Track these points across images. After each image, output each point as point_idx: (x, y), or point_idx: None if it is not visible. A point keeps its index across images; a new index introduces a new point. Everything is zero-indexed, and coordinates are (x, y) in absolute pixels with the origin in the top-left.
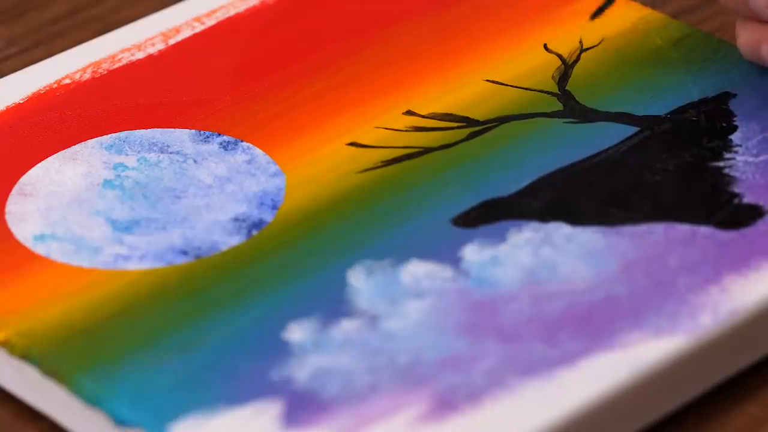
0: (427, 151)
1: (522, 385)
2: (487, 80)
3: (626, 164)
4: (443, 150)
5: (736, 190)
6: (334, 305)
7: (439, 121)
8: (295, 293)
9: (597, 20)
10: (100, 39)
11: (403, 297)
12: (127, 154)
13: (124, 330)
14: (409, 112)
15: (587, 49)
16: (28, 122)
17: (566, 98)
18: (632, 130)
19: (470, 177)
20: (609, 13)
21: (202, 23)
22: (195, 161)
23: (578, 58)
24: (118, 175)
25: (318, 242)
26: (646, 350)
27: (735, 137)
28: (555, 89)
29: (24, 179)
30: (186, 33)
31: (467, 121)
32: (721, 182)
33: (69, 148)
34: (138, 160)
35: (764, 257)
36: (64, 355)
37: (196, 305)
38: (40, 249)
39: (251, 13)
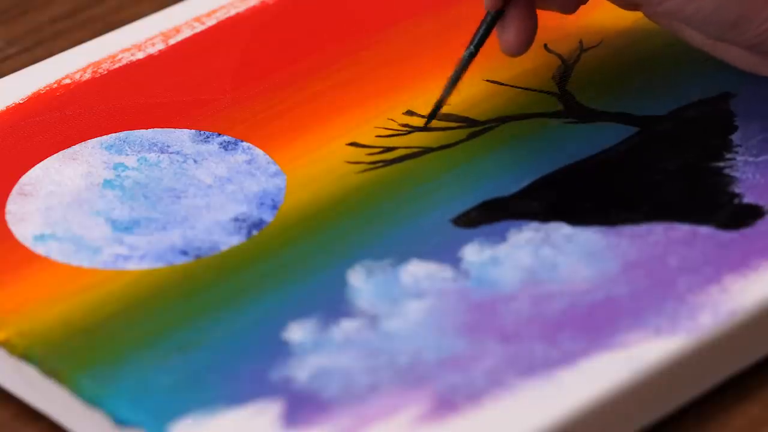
0: (427, 151)
1: (522, 385)
2: (487, 80)
3: (626, 164)
4: (443, 150)
5: (736, 190)
6: (334, 305)
7: (439, 121)
8: (295, 293)
9: (597, 20)
10: (100, 39)
11: (403, 297)
12: (127, 154)
13: (124, 330)
14: (409, 112)
15: (587, 49)
16: (28, 122)
17: (566, 98)
18: (632, 130)
19: (470, 177)
20: (610, 13)
21: (202, 23)
22: (195, 161)
23: (578, 58)
24: (118, 175)
25: (318, 242)
26: (646, 350)
27: (735, 137)
28: (555, 89)
29: (24, 179)
30: (186, 33)
31: (467, 121)
32: (721, 182)
33: (69, 148)
34: (138, 160)
35: (764, 257)
36: (64, 355)
37: (196, 305)
38: (40, 249)
39: (251, 13)
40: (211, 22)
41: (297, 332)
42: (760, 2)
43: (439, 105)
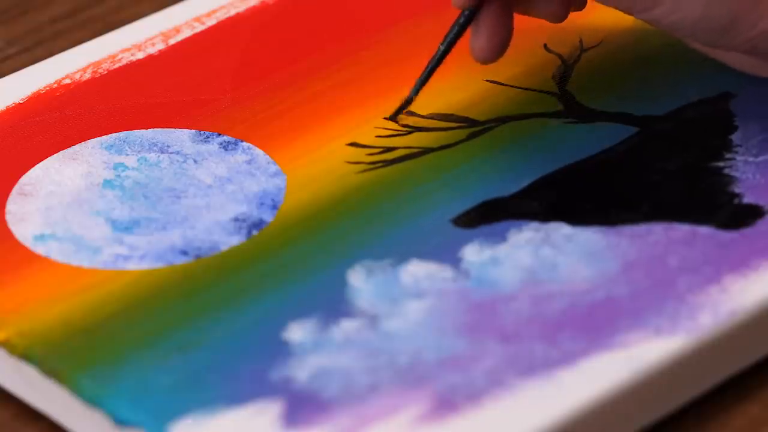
0: (427, 151)
1: (522, 385)
2: (487, 80)
3: (626, 164)
4: (443, 150)
5: (736, 190)
6: (334, 305)
7: (439, 121)
8: (295, 293)
9: (597, 20)
10: (100, 39)
11: (403, 297)
12: (127, 154)
13: (124, 330)
14: (409, 112)
15: (587, 49)
16: (28, 122)
17: (566, 98)
18: (632, 130)
19: (470, 177)
20: (610, 13)
21: (202, 23)
22: (195, 161)
23: (578, 58)
24: (118, 175)
25: (318, 242)
26: (646, 350)
27: (735, 137)
28: (555, 89)
29: (24, 179)
30: (186, 33)
31: (467, 121)
32: (721, 182)
33: (69, 148)
34: (138, 160)
35: (764, 257)
36: (64, 355)
37: (196, 305)
38: (40, 249)
39: (251, 13)
40: (211, 22)
41: (297, 332)
42: (746, 6)
43: (406, 103)
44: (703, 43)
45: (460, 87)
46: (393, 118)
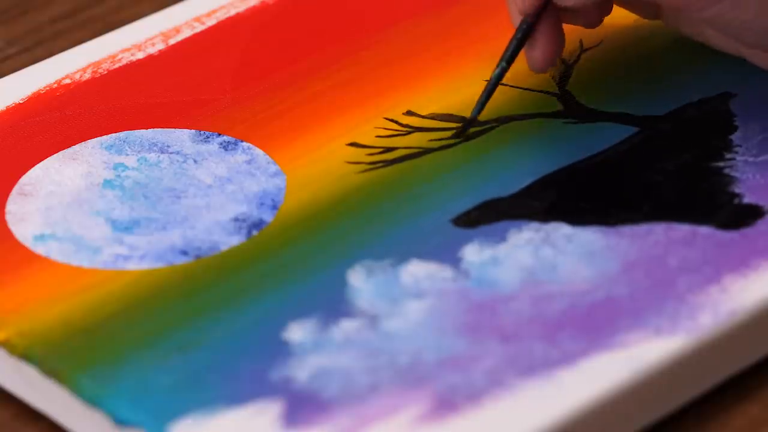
0: (427, 151)
1: (522, 385)
2: (487, 80)
3: (626, 164)
4: (443, 150)
5: (736, 190)
6: (334, 305)
7: (439, 121)
8: (295, 293)
9: None
10: (100, 39)
11: (403, 297)
12: (127, 154)
13: (124, 330)
14: (409, 112)
15: (587, 49)
16: (28, 122)
17: (566, 98)
18: (632, 130)
19: (470, 177)
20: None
21: (202, 23)
22: (195, 161)
23: (578, 58)
24: (118, 175)
25: (318, 242)
26: (646, 350)
27: (735, 137)
28: (555, 89)
29: (24, 179)
30: (186, 33)
31: (467, 121)
32: (721, 182)
33: (69, 148)
34: (138, 160)
35: (764, 257)
36: (64, 355)
37: (196, 305)
38: (40, 249)
39: (251, 13)
40: (211, 22)
41: (297, 332)
42: None
43: (469, 123)
44: (750, 44)
45: (460, 87)
46: (458, 137)
